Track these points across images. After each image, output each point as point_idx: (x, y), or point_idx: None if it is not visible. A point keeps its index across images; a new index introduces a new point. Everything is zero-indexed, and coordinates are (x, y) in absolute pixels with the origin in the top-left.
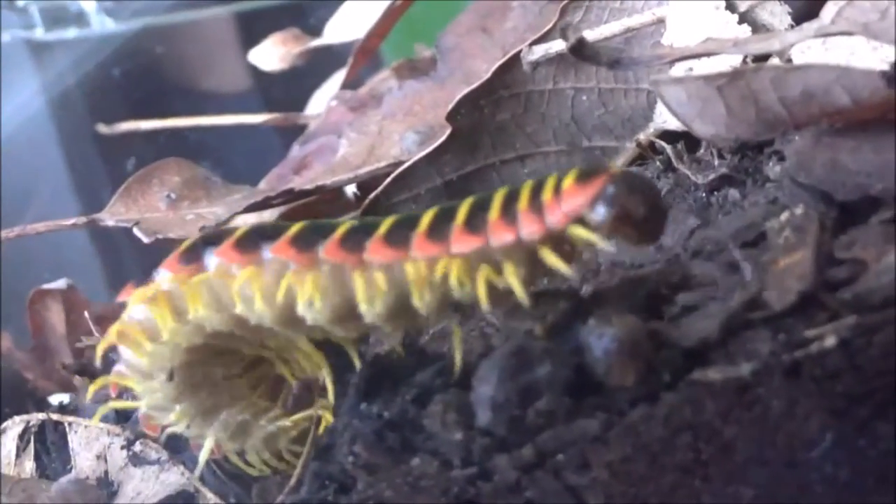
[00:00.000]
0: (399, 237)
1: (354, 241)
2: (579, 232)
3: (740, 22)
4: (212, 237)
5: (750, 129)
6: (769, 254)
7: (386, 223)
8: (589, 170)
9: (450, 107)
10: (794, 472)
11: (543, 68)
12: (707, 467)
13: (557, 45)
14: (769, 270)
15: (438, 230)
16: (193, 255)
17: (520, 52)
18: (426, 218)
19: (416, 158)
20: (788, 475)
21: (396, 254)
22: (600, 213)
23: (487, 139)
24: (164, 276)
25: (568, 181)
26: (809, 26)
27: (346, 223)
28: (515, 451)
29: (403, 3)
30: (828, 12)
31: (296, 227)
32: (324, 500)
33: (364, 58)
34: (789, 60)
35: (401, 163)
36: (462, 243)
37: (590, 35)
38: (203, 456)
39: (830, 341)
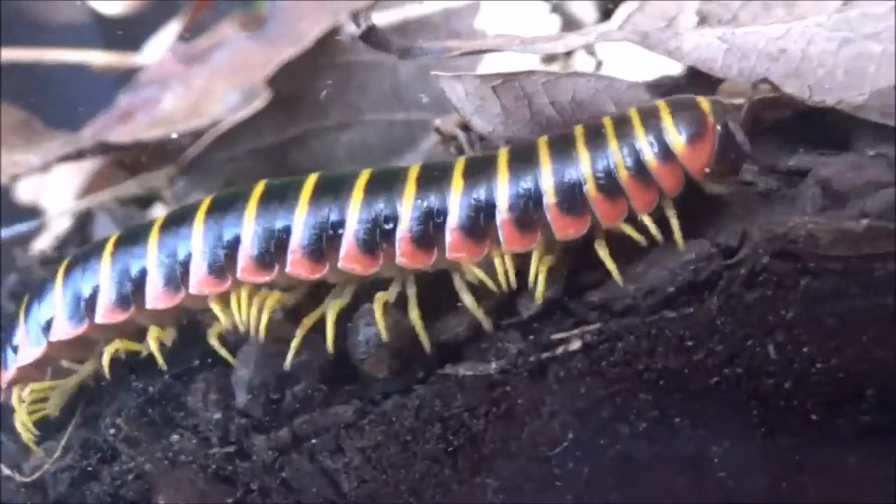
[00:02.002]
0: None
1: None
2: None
3: (551, 12)
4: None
5: (525, 128)
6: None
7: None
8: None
9: (270, 72)
10: (537, 467)
11: None
12: (456, 458)
13: (380, 17)
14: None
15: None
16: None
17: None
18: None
19: (235, 120)
20: (532, 470)
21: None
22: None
23: (308, 106)
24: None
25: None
26: (595, 29)
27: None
28: (273, 433)
29: None
30: (620, 15)
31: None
32: (85, 469)
33: (202, 6)
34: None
35: (222, 121)
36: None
37: (410, 10)
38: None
39: (575, 345)
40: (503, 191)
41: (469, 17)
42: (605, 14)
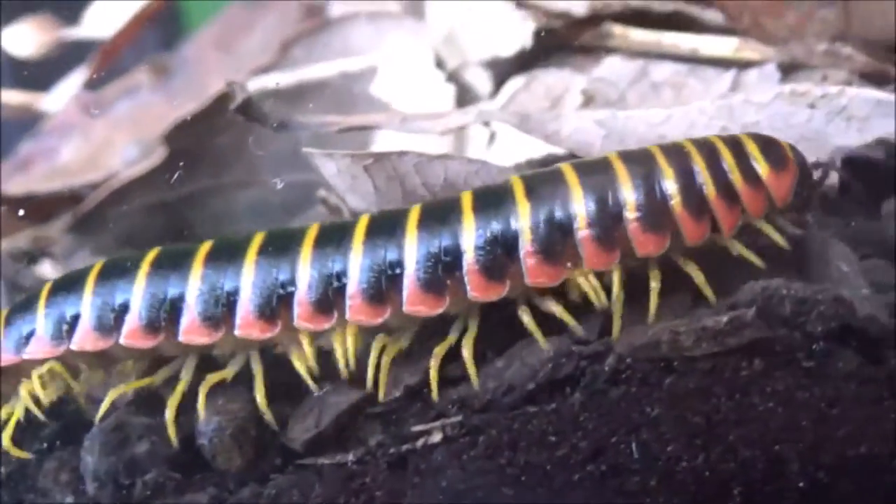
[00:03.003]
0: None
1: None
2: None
3: (447, 81)
4: None
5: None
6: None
7: None
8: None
9: (166, 128)
10: None
11: (265, 99)
12: None
13: (279, 79)
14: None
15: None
16: None
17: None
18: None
19: (130, 175)
20: None
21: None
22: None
23: (206, 163)
24: None
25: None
26: (475, 109)
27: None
28: None
29: (156, 3)
30: (505, 92)
31: None
32: None
33: (109, 57)
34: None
35: (118, 175)
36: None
37: (309, 73)
38: None
39: (436, 437)
40: (580, 208)
41: (366, 83)
42: (500, 85)
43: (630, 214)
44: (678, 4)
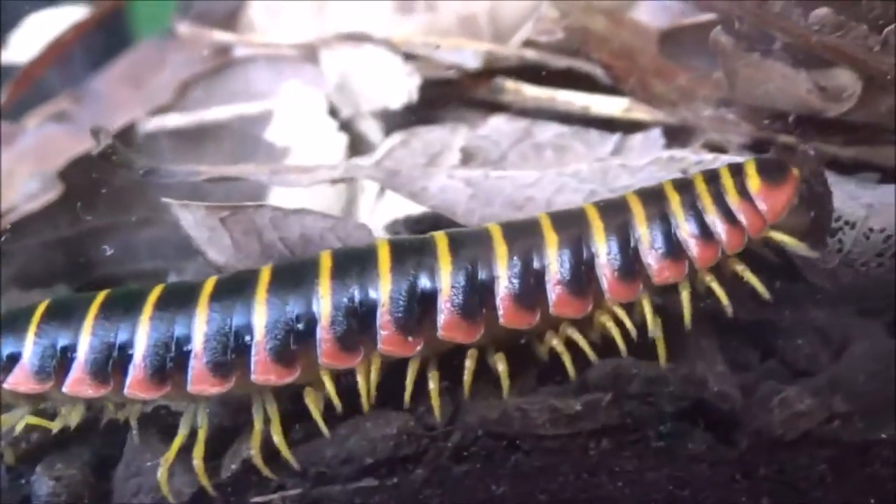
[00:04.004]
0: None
1: None
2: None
3: (339, 130)
4: None
5: (259, 263)
6: None
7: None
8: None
9: (63, 164)
10: None
11: (164, 139)
12: None
13: (177, 120)
14: None
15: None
16: None
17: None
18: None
19: (27, 210)
20: None
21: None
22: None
23: (107, 200)
24: None
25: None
26: (343, 164)
27: None
28: None
29: (76, 30)
30: (383, 147)
31: None
32: None
33: (24, 86)
34: None
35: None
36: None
37: (207, 114)
38: None
39: None
40: (602, 243)
41: (263, 127)
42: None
43: (646, 245)
44: (573, 61)
